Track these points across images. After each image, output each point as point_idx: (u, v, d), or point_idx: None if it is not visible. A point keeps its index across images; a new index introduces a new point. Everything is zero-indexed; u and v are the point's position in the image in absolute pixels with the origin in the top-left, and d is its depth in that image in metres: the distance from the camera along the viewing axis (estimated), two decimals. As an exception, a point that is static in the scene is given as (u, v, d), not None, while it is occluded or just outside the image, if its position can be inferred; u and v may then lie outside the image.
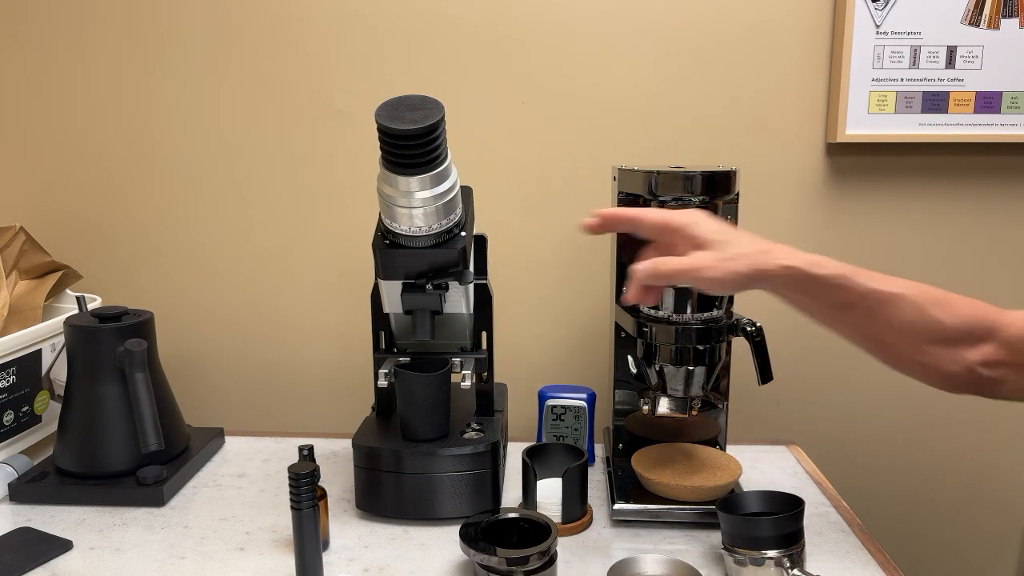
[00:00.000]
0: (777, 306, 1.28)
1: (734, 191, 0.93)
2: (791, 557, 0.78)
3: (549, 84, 1.23)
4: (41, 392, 1.12)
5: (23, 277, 1.20)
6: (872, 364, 1.30)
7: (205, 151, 1.27)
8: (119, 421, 1.01)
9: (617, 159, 1.21)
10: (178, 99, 1.26)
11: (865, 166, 1.23)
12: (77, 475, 1.02)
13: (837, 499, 1.03)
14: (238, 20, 1.23)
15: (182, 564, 0.86)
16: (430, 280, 0.89)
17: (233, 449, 1.19)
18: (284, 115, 1.25)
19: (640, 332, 0.94)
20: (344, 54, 1.23)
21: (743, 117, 1.22)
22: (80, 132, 1.28)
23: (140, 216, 1.30)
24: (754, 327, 0.91)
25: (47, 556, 0.87)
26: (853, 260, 1.25)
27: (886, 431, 1.32)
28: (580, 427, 1.11)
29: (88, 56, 1.25)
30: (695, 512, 0.93)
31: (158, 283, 1.32)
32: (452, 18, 1.21)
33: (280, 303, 1.32)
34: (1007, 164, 1.23)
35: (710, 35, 1.20)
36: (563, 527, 0.92)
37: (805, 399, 1.31)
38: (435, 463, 0.93)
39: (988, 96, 1.18)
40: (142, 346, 0.99)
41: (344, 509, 0.99)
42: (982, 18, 1.16)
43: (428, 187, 0.81)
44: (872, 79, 1.17)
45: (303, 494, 0.78)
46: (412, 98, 0.80)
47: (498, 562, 0.77)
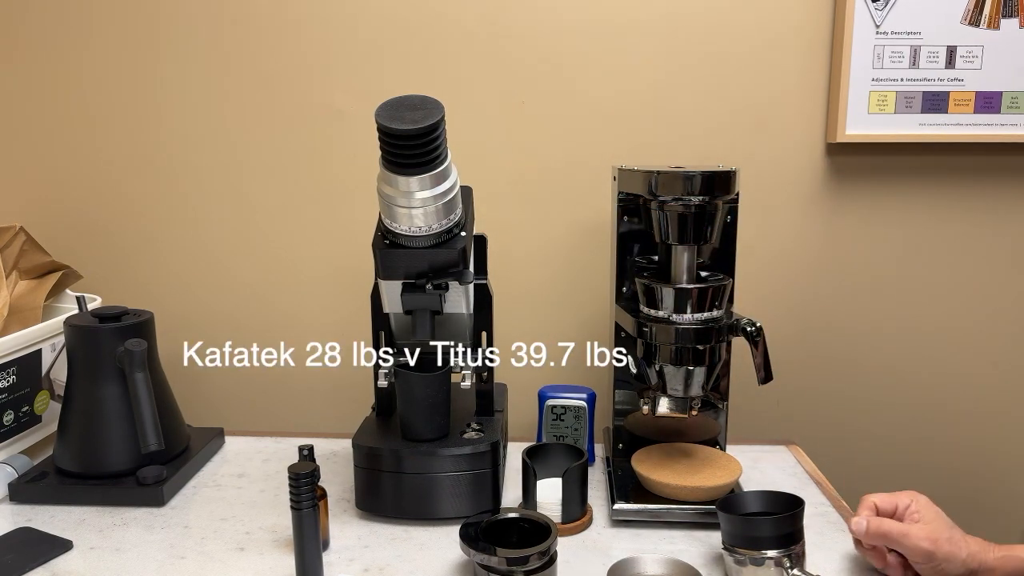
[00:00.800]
0: (777, 306, 1.28)
1: (734, 191, 0.93)
2: (791, 557, 0.78)
3: (549, 84, 1.22)
4: (41, 392, 1.12)
5: (23, 277, 1.20)
6: (871, 364, 1.30)
7: (205, 151, 1.27)
8: (119, 421, 1.01)
9: (617, 159, 1.21)
10: (179, 100, 1.26)
11: (865, 166, 1.23)
12: (77, 475, 1.01)
13: (837, 499, 1.03)
14: (238, 20, 1.23)
15: (182, 564, 0.86)
16: (430, 280, 0.89)
17: (233, 449, 1.19)
18: (284, 115, 1.25)
19: (640, 332, 0.94)
20: (344, 54, 1.23)
21: (743, 117, 1.22)
22: (80, 132, 1.28)
23: (140, 216, 1.30)
24: (754, 327, 0.91)
25: (47, 556, 0.87)
26: (853, 260, 1.26)
27: (886, 431, 1.32)
28: (580, 427, 1.11)
29: (88, 57, 1.25)
30: (695, 512, 0.93)
31: (158, 283, 1.32)
32: (452, 18, 1.21)
33: (280, 303, 1.31)
34: (1007, 164, 1.23)
35: (710, 35, 1.20)
36: (563, 527, 0.92)
37: (805, 399, 1.31)
38: (435, 463, 0.93)
39: (988, 96, 1.18)
40: (142, 346, 0.99)
41: (344, 509, 0.99)
42: (982, 18, 1.16)
43: (428, 187, 0.81)
44: (872, 79, 1.17)
45: (303, 494, 0.78)
46: (412, 98, 0.80)
47: (498, 562, 0.77)
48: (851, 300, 1.28)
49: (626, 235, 1.03)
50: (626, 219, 1.02)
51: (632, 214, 1.01)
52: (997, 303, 1.28)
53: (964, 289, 1.27)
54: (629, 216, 1.02)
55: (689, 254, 0.95)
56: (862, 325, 1.28)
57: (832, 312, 1.28)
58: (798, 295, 1.28)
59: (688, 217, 0.92)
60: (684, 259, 0.95)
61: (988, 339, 1.29)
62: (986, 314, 1.28)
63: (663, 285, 0.93)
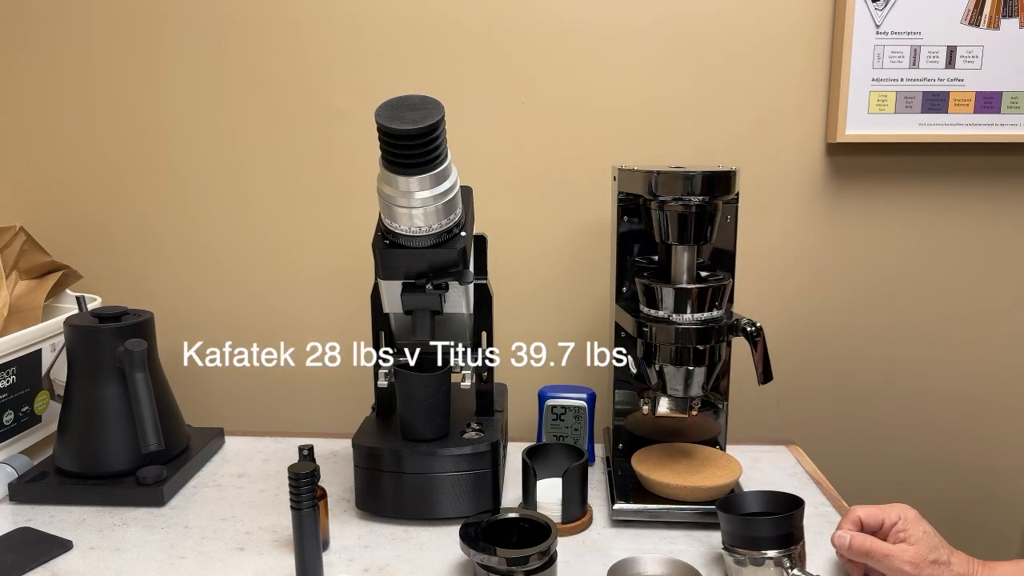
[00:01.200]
0: (777, 306, 1.28)
1: (734, 191, 0.93)
2: (791, 557, 0.78)
3: (549, 84, 1.22)
4: (41, 392, 1.12)
5: (23, 277, 1.20)
6: (871, 364, 1.30)
7: (205, 151, 1.27)
8: (119, 421, 1.01)
9: (617, 159, 1.21)
10: (178, 100, 1.26)
11: (865, 166, 1.23)
12: (77, 475, 1.02)
13: (837, 499, 1.03)
14: (238, 20, 1.23)
15: (182, 564, 0.86)
16: (430, 280, 0.89)
17: (233, 449, 1.19)
18: (284, 115, 1.25)
19: (640, 332, 0.94)
20: (344, 54, 1.23)
21: (743, 117, 1.22)
22: (80, 133, 1.28)
23: (140, 216, 1.30)
24: (754, 327, 0.91)
25: (47, 556, 0.87)
26: (853, 260, 1.26)
27: (886, 431, 1.32)
28: (580, 427, 1.11)
29: (88, 57, 1.25)
30: (695, 512, 0.93)
31: (158, 283, 1.32)
32: (452, 18, 1.21)
33: (280, 302, 1.31)
34: (1007, 164, 1.23)
35: (710, 35, 1.20)
36: (563, 527, 0.92)
37: (805, 399, 1.31)
38: (435, 463, 0.93)
39: (988, 96, 1.18)
40: (142, 346, 0.99)
41: (344, 509, 0.99)
42: (982, 18, 1.16)
43: (428, 187, 0.81)
44: (872, 79, 1.17)
45: (303, 494, 0.78)
46: (412, 98, 0.80)
47: (498, 562, 0.77)
48: (851, 300, 1.28)
49: (626, 235, 1.03)
50: (626, 219, 1.02)
51: (632, 214, 1.01)
52: (997, 303, 1.27)
53: (964, 288, 1.27)
54: (629, 216, 1.02)
55: (689, 254, 0.95)
56: (862, 325, 1.28)
57: (832, 312, 1.28)
58: (798, 295, 1.28)
59: (688, 217, 0.92)
60: (684, 259, 0.95)
61: (988, 339, 1.29)
62: (986, 314, 1.28)
63: (663, 285, 0.93)
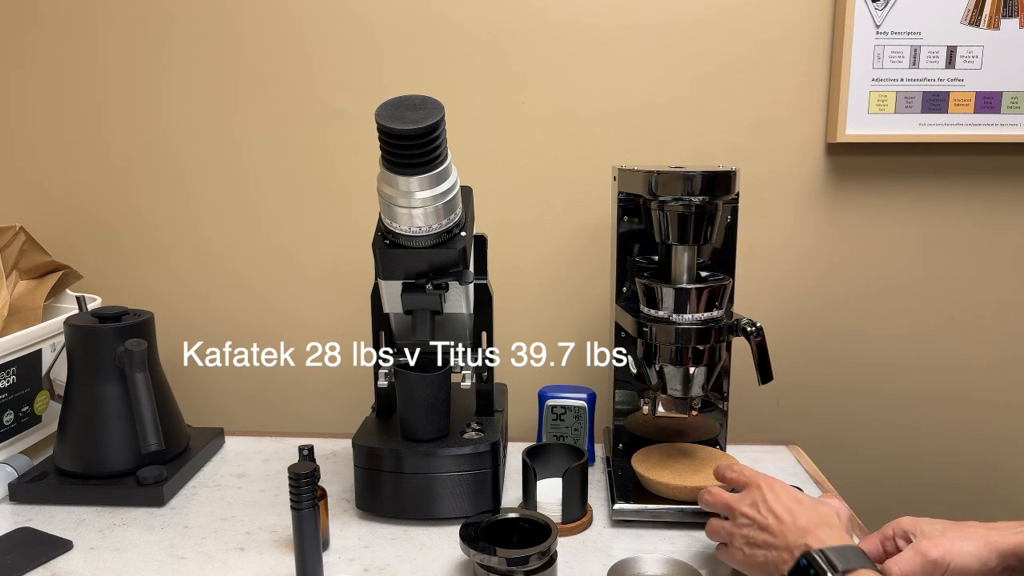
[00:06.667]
0: (777, 306, 1.28)
1: (734, 191, 0.93)
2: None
3: (549, 84, 1.22)
4: (41, 392, 1.12)
5: (23, 277, 1.20)
6: (871, 364, 1.30)
7: (205, 151, 1.27)
8: (119, 421, 1.01)
9: (617, 159, 1.21)
10: (178, 100, 1.26)
11: (865, 166, 1.23)
12: (77, 475, 1.01)
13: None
14: (238, 20, 1.23)
15: (182, 564, 0.86)
16: (430, 280, 0.89)
17: (233, 449, 1.19)
18: (284, 115, 1.25)
19: (640, 332, 0.94)
20: (344, 54, 1.23)
21: (743, 117, 1.22)
22: (80, 133, 1.28)
23: (140, 216, 1.30)
24: (754, 327, 0.91)
25: (47, 556, 0.87)
26: (853, 260, 1.26)
27: (886, 431, 1.32)
28: (580, 427, 1.11)
29: (88, 57, 1.25)
30: (695, 512, 0.93)
31: (158, 283, 1.32)
32: (452, 18, 1.21)
33: (280, 303, 1.31)
34: (1007, 164, 1.23)
35: (710, 35, 1.20)
36: (563, 527, 0.92)
37: (805, 399, 1.31)
38: (435, 463, 0.93)
39: (988, 96, 1.18)
40: (142, 346, 0.99)
41: (344, 509, 0.99)
42: (982, 18, 1.16)
43: (428, 187, 0.81)
44: (872, 79, 1.17)
45: (303, 494, 0.78)
46: (412, 98, 0.80)
47: (498, 562, 0.77)
48: (851, 300, 1.28)
49: (626, 235, 1.03)
50: (626, 219, 1.02)
51: (632, 214, 1.01)
52: (997, 303, 1.27)
53: (964, 289, 1.27)
54: (629, 216, 1.02)
55: (689, 254, 0.95)
56: (862, 325, 1.29)
57: (832, 312, 1.28)
58: (798, 295, 1.28)
59: (688, 217, 0.92)
60: (684, 259, 0.95)
61: (988, 339, 1.29)
62: (986, 314, 1.28)
63: (663, 285, 0.93)
